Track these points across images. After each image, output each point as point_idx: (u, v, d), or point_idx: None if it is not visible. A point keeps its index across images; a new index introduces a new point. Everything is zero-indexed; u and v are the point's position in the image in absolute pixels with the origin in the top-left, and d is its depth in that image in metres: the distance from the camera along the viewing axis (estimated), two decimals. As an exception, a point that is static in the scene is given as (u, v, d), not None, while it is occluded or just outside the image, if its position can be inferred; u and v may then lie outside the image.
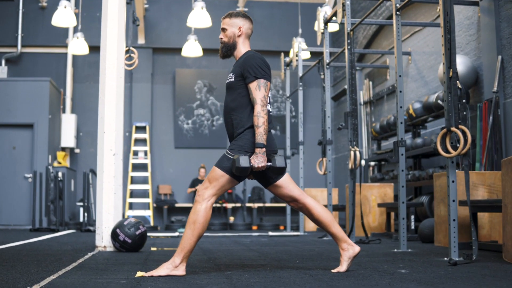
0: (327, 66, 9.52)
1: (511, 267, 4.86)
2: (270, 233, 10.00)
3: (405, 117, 10.52)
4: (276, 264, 5.19)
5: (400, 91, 6.88)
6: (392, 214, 9.66)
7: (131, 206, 14.89)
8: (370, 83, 13.16)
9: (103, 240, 6.80)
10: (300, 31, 13.42)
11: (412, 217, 8.57)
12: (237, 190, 15.21)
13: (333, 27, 11.76)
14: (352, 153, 8.20)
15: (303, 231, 10.67)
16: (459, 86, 5.65)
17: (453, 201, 5.63)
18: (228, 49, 4.68)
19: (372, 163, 12.48)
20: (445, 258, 5.62)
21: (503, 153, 7.97)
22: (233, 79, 4.54)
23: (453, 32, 5.72)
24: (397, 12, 6.96)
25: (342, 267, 4.54)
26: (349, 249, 4.57)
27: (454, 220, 5.62)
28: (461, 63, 8.77)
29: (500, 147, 7.98)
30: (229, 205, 14.81)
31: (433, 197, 9.10)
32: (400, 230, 6.74)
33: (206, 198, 4.35)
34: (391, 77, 12.43)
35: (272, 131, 4.73)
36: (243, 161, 4.28)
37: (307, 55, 13.23)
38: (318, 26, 9.59)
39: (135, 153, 15.23)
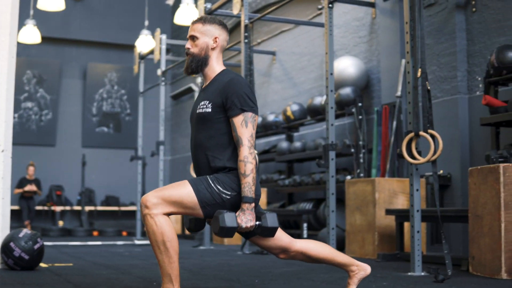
0: (209, 61, 8.74)
1: (505, 281, 4.52)
2: (136, 241, 9.02)
3: (277, 119, 10.07)
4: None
5: (331, 90, 6.37)
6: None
7: None
8: (223, 82, 12.55)
9: (-14, 256, 5.53)
10: (146, 23, 12.49)
11: (305, 225, 8.08)
12: (67, 192, 13.85)
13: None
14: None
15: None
16: (428, 87, 5.24)
17: (417, 211, 5.22)
18: (198, 64, 3.64)
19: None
20: (409, 273, 5.16)
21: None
22: (209, 110, 3.52)
23: (423, 29, 5.30)
24: (330, 5, 6.42)
25: None
26: (360, 271, 3.88)
27: (418, 232, 5.21)
28: (353, 65, 8.46)
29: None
30: (58, 208, 13.44)
31: (320, 204, 8.69)
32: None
33: (160, 212, 3.35)
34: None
35: (105, 129, 3.84)
36: (230, 220, 3.30)
37: (149, 48, 12.23)
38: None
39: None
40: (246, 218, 3.36)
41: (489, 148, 6.65)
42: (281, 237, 3.67)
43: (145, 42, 12.08)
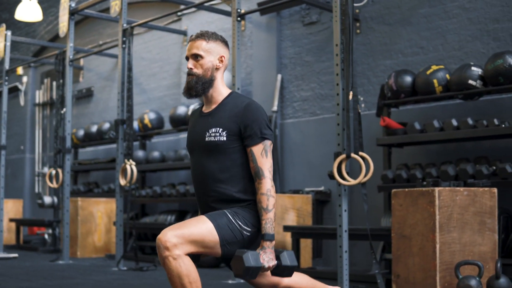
0: (71, 63, 8.23)
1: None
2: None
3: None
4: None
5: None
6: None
7: None
8: (54, 83, 11.85)
9: None
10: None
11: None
12: None
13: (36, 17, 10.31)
14: (128, 167, 7.20)
15: (1, 249, 8.94)
16: (359, 110, 5.35)
17: (345, 231, 5.31)
18: (204, 86, 3.29)
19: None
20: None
21: (279, 174, 7.82)
22: (224, 138, 3.20)
23: (353, 53, 5.38)
24: (238, 19, 6.32)
25: None
26: None
27: (346, 251, 5.30)
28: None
29: (278, 168, 7.82)
30: None
31: (184, 216, 8.50)
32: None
33: (182, 252, 3.02)
34: (85, 79, 11.35)
35: None
36: (254, 260, 3.04)
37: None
38: (61, 16, 8.24)
39: None
40: (268, 257, 3.10)
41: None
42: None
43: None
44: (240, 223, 3.15)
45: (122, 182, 7.25)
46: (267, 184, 3.15)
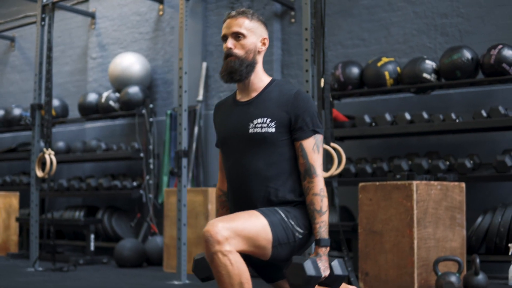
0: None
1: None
2: None
3: (27, 114, 8.92)
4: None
5: (185, 91, 5.83)
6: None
7: None
8: None
9: None
10: None
11: (92, 236, 7.28)
12: None
13: None
14: (47, 157, 6.56)
15: None
16: (331, 98, 5.10)
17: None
18: (248, 69, 2.89)
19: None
20: None
21: (203, 167, 7.43)
22: (273, 130, 2.82)
23: (325, 38, 5.13)
24: (186, -2, 5.89)
25: None
26: None
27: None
28: (139, 63, 7.90)
29: (202, 161, 7.42)
30: None
31: (112, 213, 7.93)
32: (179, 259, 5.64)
33: (233, 248, 2.62)
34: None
35: None
36: (315, 268, 2.67)
37: None
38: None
39: None
40: (323, 266, 2.74)
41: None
42: None
43: None
44: (293, 223, 2.78)
45: (39, 173, 6.59)
46: (320, 183, 2.79)
